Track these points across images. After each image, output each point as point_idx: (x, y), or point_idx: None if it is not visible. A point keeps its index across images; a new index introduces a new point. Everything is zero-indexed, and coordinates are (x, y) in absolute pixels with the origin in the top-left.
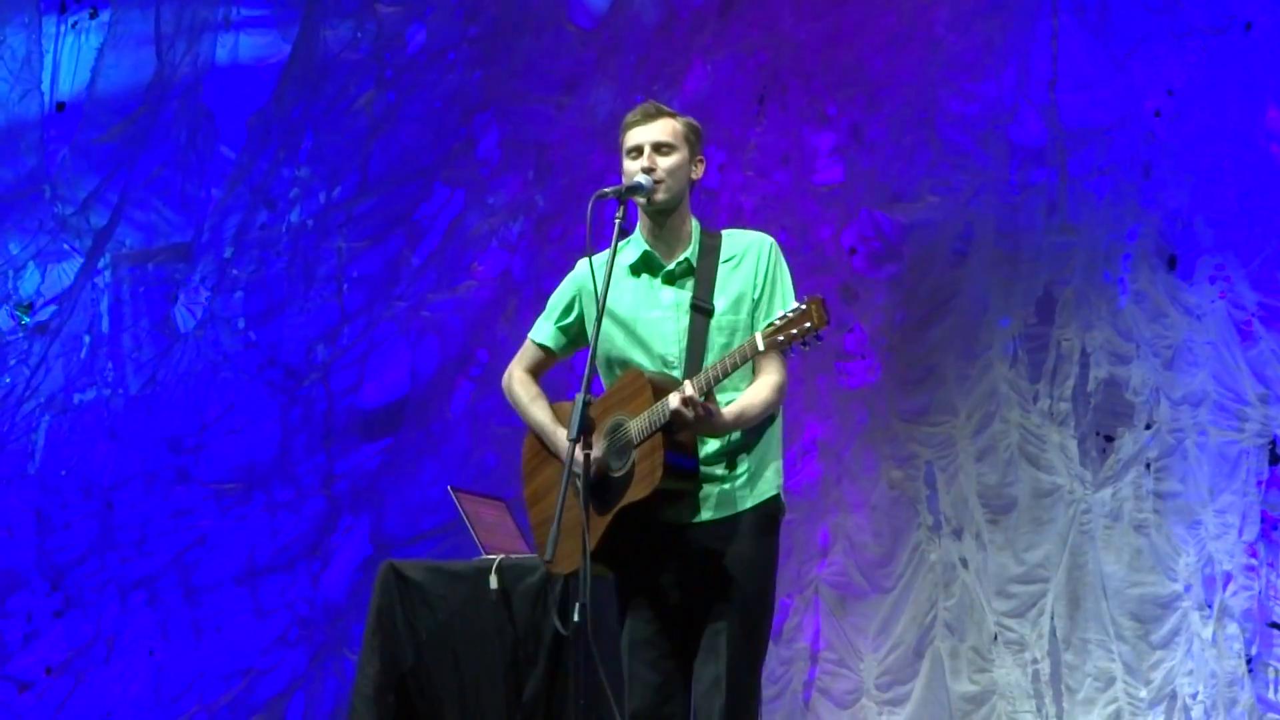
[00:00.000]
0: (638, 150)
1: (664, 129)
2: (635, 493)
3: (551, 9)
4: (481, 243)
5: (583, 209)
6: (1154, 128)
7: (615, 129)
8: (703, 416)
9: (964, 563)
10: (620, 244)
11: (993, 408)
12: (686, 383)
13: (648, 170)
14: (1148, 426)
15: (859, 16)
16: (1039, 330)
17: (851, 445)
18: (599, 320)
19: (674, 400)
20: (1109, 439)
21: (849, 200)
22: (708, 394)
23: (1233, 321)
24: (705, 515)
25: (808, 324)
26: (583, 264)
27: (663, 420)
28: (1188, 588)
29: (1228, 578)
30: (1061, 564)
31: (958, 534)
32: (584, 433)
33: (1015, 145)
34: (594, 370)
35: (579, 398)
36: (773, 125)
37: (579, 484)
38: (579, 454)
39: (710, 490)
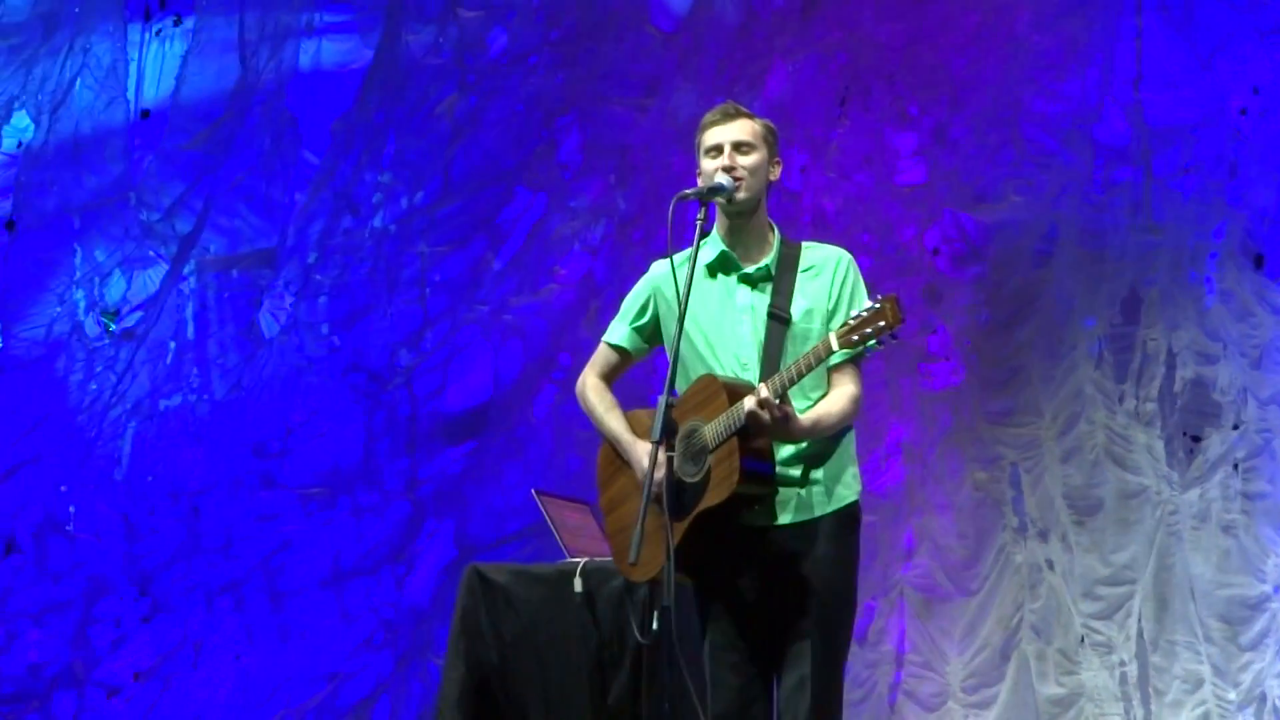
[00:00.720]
0: (717, 149)
1: (743, 129)
2: (712, 498)
3: (632, 11)
4: (563, 246)
5: (664, 211)
6: (1240, 126)
7: (696, 131)
8: (779, 419)
9: (1050, 565)
10: (700, 244)
11: (1078, 409)
12: (761, 385)
13: (728, 169)
14: (1235, 427)
15: (941, 16)
16: (1124, 330)
17: (936, 447)
18: (680, 322)
19: (749, 403)
20: (1196, 439)
21: (932, 201)
22: (783, 397)
23: None
24: (783, 519)
25: (882, 322)
26: (658, 265)
27: (738, 424)
28: (1276, 589)
29: None
30: (1149, 566)
31: (1043, 536)
32: (667, 434)
33: (1100, 144)
34: (675, 373)
35: (662, 399)
36: (855, 126)
37: (659, 489)
38: (661, 457)
39: (787, 495)
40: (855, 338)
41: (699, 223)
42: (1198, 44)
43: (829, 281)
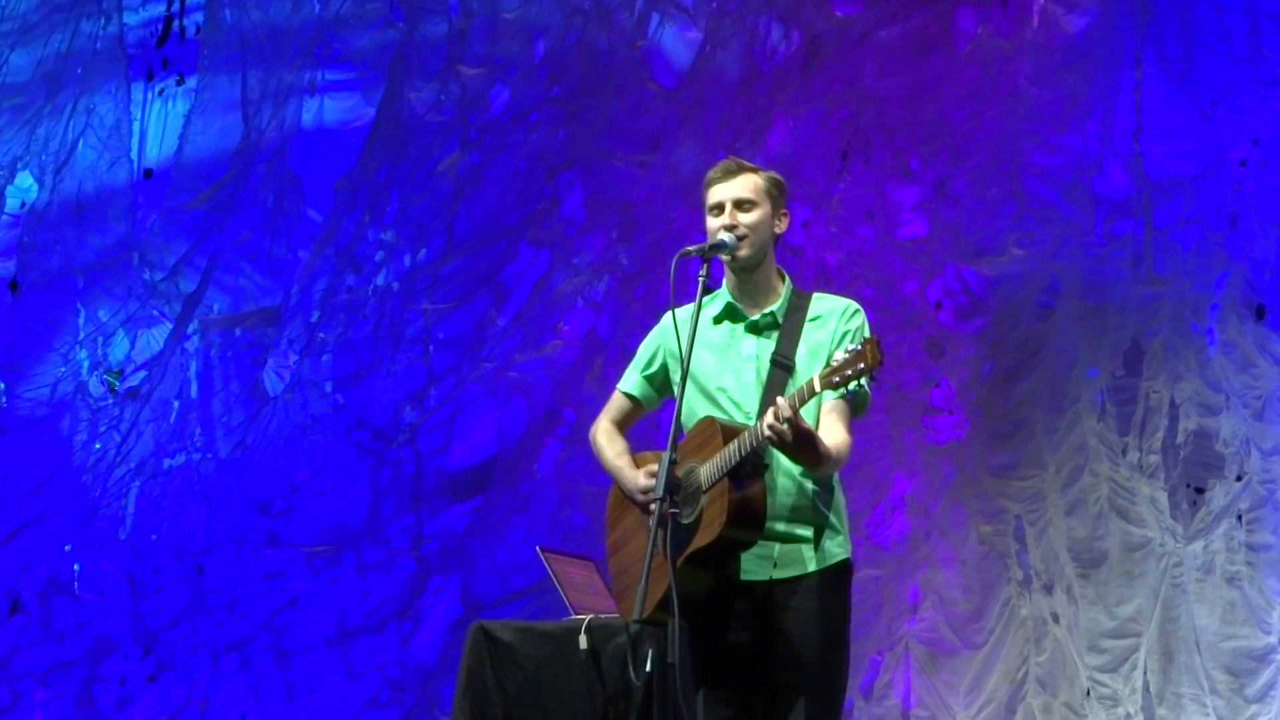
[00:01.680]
0: (719, 207)
1: (745, 185)
2: (700, 539)
3: (634, 68)
4: (567, 302)
5: (667, 267)
6: (1240, 177)
7: (699, 186)
8: (802, 435)
9: (1055, 618)
10: (706, 299)
11: (1082, 461)
12: (781, 401)
13: (729, 227)
14: (1238, 478)
15: (941, 70)
16: (1127, 382)
17: (940, 500)
18: (684, 377)
19: (768, 417)
20: (1199, 491)
21: (934, 254)
22: (794, 416)
23: None
24: (775, 574)
25: (862, 364)
26: (669, 316)
27: (730, 464)
28: None
29: None
30: (1153, 618)
31: (1048, 589)
32: (671, 491)
33: (1100, 197)
34: (678, 428)
35: (665, 455)
36: (856, 180)
37: (659, 538)
38: (667, 513)
39: (778, 549)
40: (836, 379)
41: (701, 279)
42: (1197, 96)
43: (834, 329)
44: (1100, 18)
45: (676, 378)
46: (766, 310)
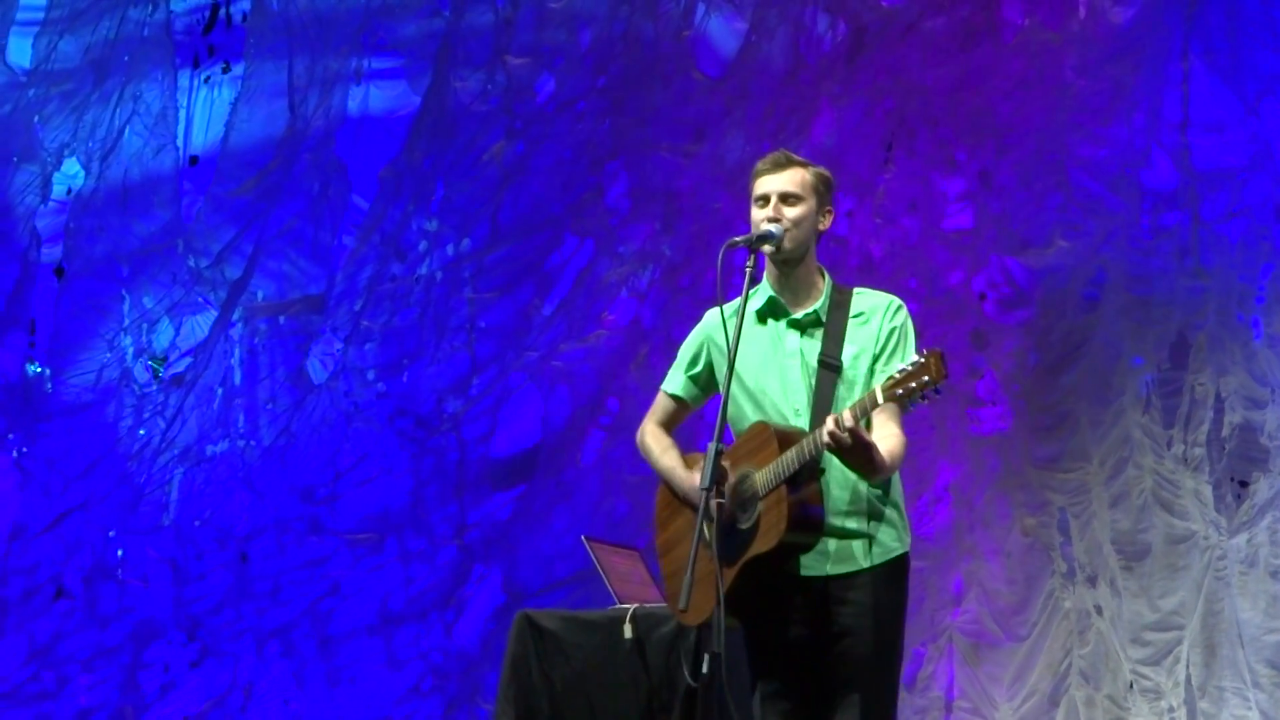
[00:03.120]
0: (764, 199)
1: (792, 179)
2: (760, 545)
3: (679, 58)
4: (611, 292)
5: (711, 257)
6: None
7: (744, 176)
8: (861, 445)
9: (1098, 610)
10: (750, 292)
11: (1126, 453)
12: (831, 416)
13: (773, 220)
14: None
15: (987, 61)
16: (1172, 375)
17: (984, 492)
18: (730, 370)
19: (825, 430)
20: (1243, 484)
21: (979, 246)
22: (855, 427)
23: None
24: (831, 569)
25: (926, 378)
26: (711, 313)
27: (789, 471)
28: None
29: None
30: (1197, 611)
31: (1092, 581)
32: (716, 482)
33: (1146, 189)
34: (725, 420)
35: (712, 446)
36: (901, 171)
37: (710, 535)
38: (712, 504)
39: (836, 545)
40: (900, 392)
41: (748, 270)
42: (1244, 89)
43: (878, 327)
44: (1147, 10)
45: (722, 374)
46: (810, 309)
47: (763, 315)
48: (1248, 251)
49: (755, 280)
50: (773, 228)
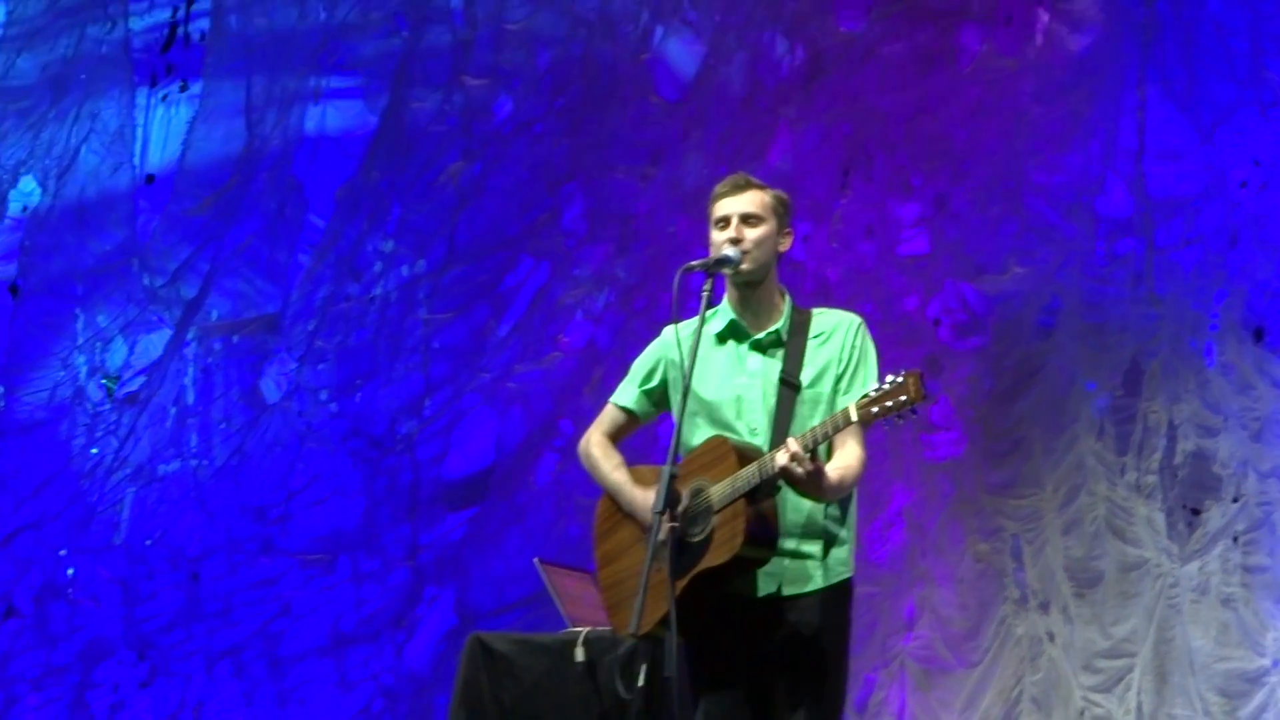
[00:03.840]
0: (725, 221)
1: (752, 200)
2: (712, 558)
3: (637, 81)
4: (566, 314)
5: (667, 280)
6: (1241, 199)
7: (701, 200)
8: (812, 472)
9: (1050, 637)
10: (708, 314)
11: (1079, 480)
12: (790, 440)
13: (734, 241)
14: (1235, 500)
15: (943, 87)
16: (1126, 402)
17: (937, 518)
18: (685, 392)
19: (781, 457)
20: (1195, 512)
21: (934, 272)
22: (813, 453)
23: None
24: (778, 590)
25: (904, 397)
26: (669, 330)
27: (749, 485)
28: (1275, 663)
29: None
30: (1148, 638)
31: (1044, 607)
32: (670, 505)
33: (1101, 216)
34: (679, 443)
35: (666, 469)
36: (857, 196)
37: (661, 553)
38: (664, 526)
39: (784, 566)
40: (875, 409)
41: (705, 294)
42: (1199, 117)
43: (839, 346)
44: (1104, 38)
45: (678, 393)
46: (770, 329)
47: (723, 337)
48: (1201, 279)
49: (712, 304)
50: (730, 251)
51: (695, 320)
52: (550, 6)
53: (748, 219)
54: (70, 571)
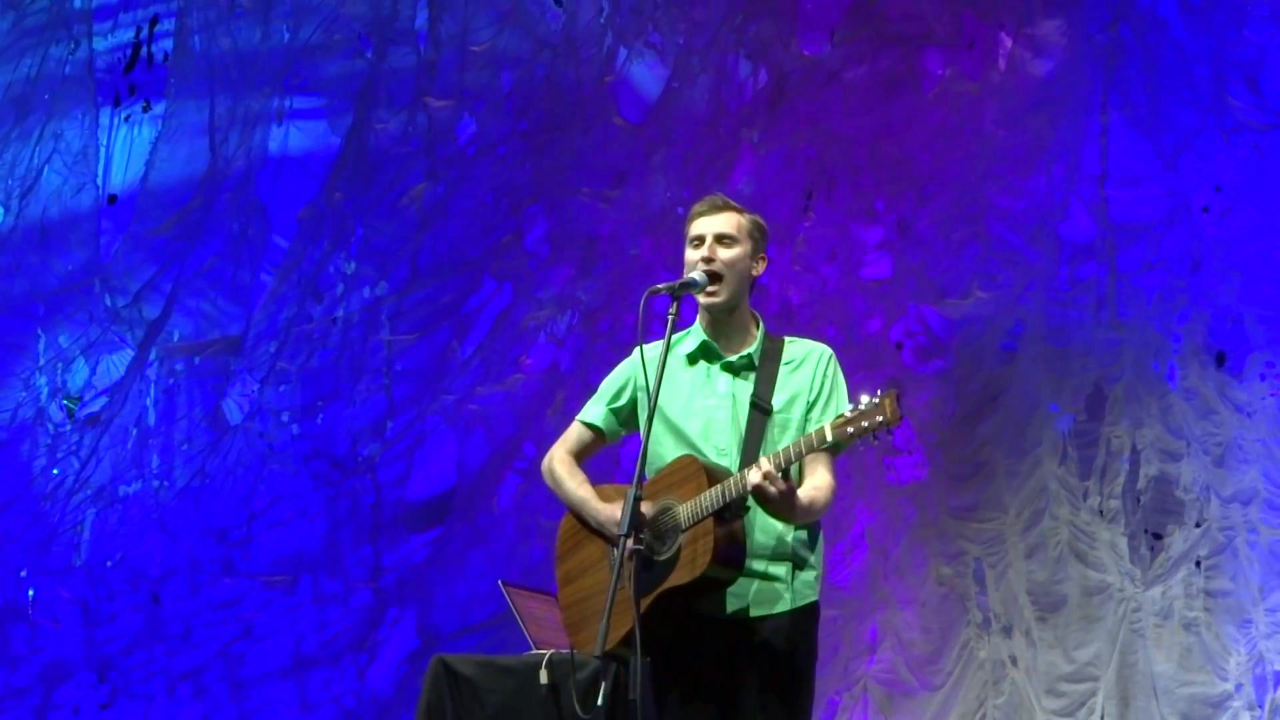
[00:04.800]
0: (700, 239)
1: (728, 221)
2: (679, 577)
3: (600, 103)
4: (529, 336)
5: (631, 302)
6: (1202, 224)
7: (664, 222)
8: (785, 492)
9: (1013, 660)
10: (678, 335)
11: (1042, 504)
12: (763, 459)
13: (707, 260)
14: (1198, 524)
15: (907, 112)
16: (1089, 426)
17: (900, 541)
18: (651, 412)
19: (754, 475)
20: (1158, 537)
21: (897, 295)
22: (785, 472)
23: None
24: (745, 611)
25: (880, 418)
26: (639, 350)
27: (716, 505)
28: (1238, 687)
29: (1279, 677)
30: (1111, 662)
31: (1007, 631)
32: (635, 527)
33: (1064, 241)
34: (644, 464)
35: (631, 491)
36: (820, 219)
37: (626, 575)
38: (628, 547)
39: (752, 587)
40: (850, 430)
41: (670, 316)
42: (1162, 143)
43: (811, 374)
44: (1067, 63)
45: (644, 411)
46: (743, 352)
47: (694, 357)
48: (1164, 304)
49: (678, 327)
50: (697, 275)
51: (662, 344)
52: (514, 28)
53: (722, 239)
54: (30, 593)
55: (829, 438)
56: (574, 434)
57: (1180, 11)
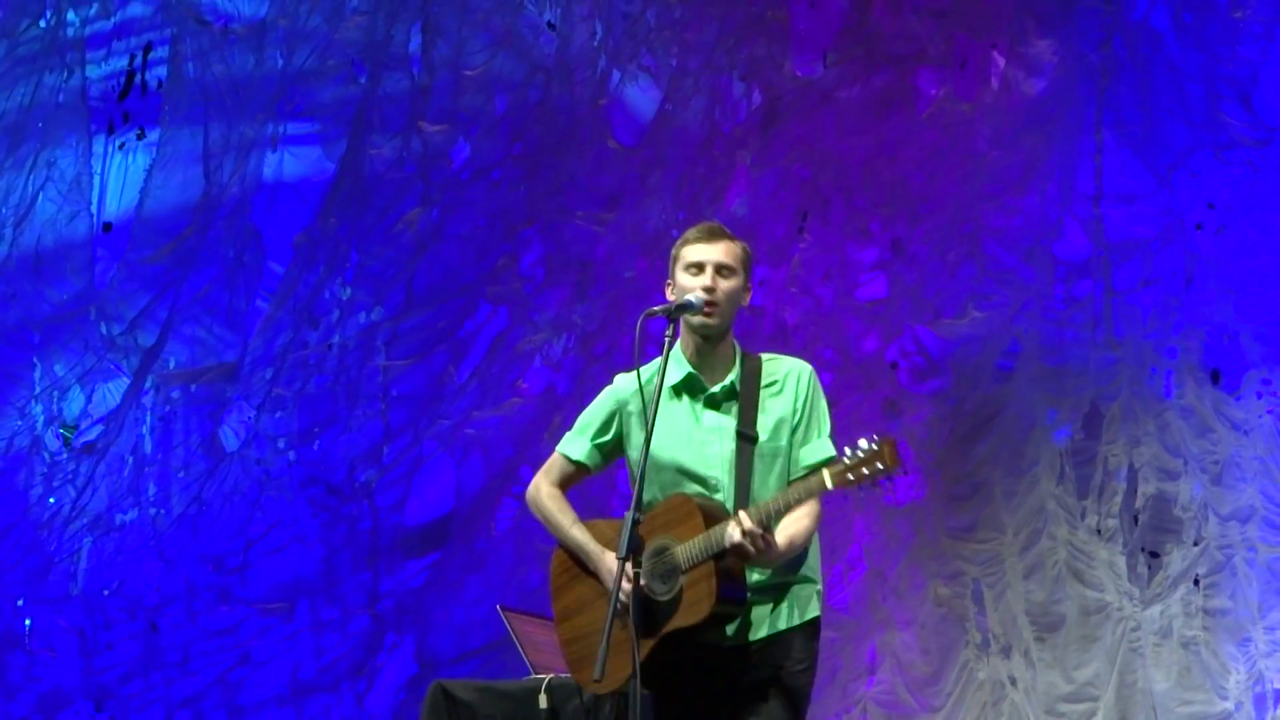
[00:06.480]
0: (699, 267)
1: (728, 251)
2: (684, 619)
3: (595, 126)
4: (525, 360)
5: (626, 325)
6: (1196, 241)
7: (659, 245)
8: (762, 550)
9: (1013, 681)
10: (657, 363)
11: (1040, 524)
12: (742, 514)
13: (709, 290)
14: (1196, 543)
15: (901, 132)
16: (1086, 445)
17: (898, 563)
18: (648, 439)
19: (735, 534)
20: (1156, 555)
21: (893, 315)
22: (766, 526)
23: None
24: (752, 636)
25: (879, 465)
26: (621, 379)
27: (716, 548)
28: (1238, 706)
29: (1279, 696)
30: (1111, 682)
31: (1006, 652)
32: (633, 550)
33: (1059, 259)
34: (641, 489)
35: (629, 516)
36: (815, 240)
37: (625, 603)
38: (628, 571)
39: (758, 613)
40: (850, 477)
41: (668, 338)
42: (1155, 161)
43: (792, 397)
44: (1060, 82)
45: (636, 442)
46: (724, 382)
47: (678, 390)
48: (1159, 322)
49: (672, 349)
50: (694, 298)
51: (653, 364)
52: (508, 52)
53: (721, 269)
54: (28, 622)
55: (829, 486)
56: (556, 466)
57: (1173, 29)
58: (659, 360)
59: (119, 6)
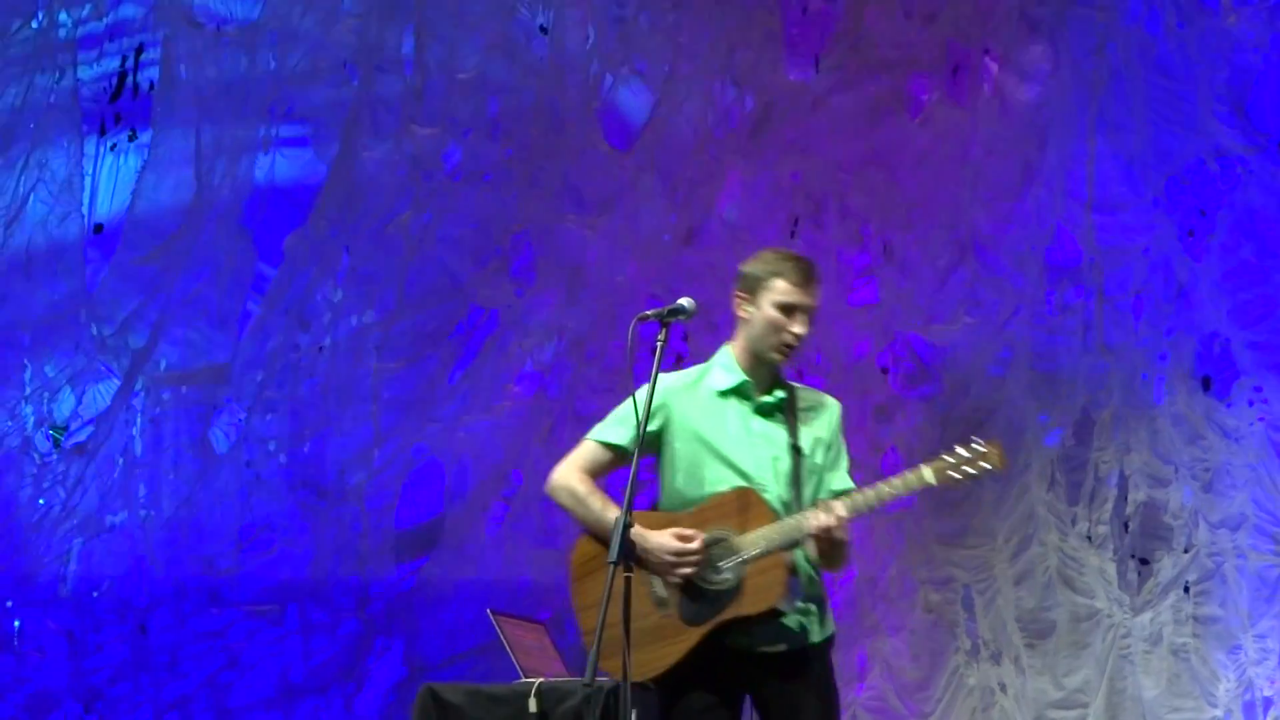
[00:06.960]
0: (794, 309)
1: (818, 298)
2: (748, 606)
3: (587, 130)
4: (516, 363)
5: (618, 329)
6: (1188, 248)
7: (651, 249)
8: (839, 541)
9: (1003, 687)
10: (702, 368)
11: (1030, 530)
12: (835, 502)
13: (797, 336)
14: (1186, 550)
15: (893, 137)
16: (1076, 452)
17: (888, 568)
18: (640, 438)
19: (823, 518)
20: (1146, 562)
21: (884, 321)
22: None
23: (1271, 444)
24: (778, 646)
25: (986, 465)
26: (667, 377)
27: (793, 536)
28: (1227, 714)
29: (1268, 704)
30: (1100, 689)
31: (996, 658)
32: (626, 555)
33: (1051, 266)
34: (632, 494)
35: (620, 518)
36: (807, 245)
37: (655, 595)
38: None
39: (787, 621)
40: (955, 474)
41: (659, 343)
42: (1148, 168)
43: (826, 426)
44: (1053, 88)
45: (674, 438)
46: (775, 396)
47: (727, 394)
48: (1150, 329)
49: (680, 357)
50: (686, 301)
51: (694, 371)
52: (500, 56)
53: (810, 314)
54: (16, 623)
55: (931, 480)
56: (588, 454)
57: (1166, 36)
58: (698, 367)
59: (111, 8)
